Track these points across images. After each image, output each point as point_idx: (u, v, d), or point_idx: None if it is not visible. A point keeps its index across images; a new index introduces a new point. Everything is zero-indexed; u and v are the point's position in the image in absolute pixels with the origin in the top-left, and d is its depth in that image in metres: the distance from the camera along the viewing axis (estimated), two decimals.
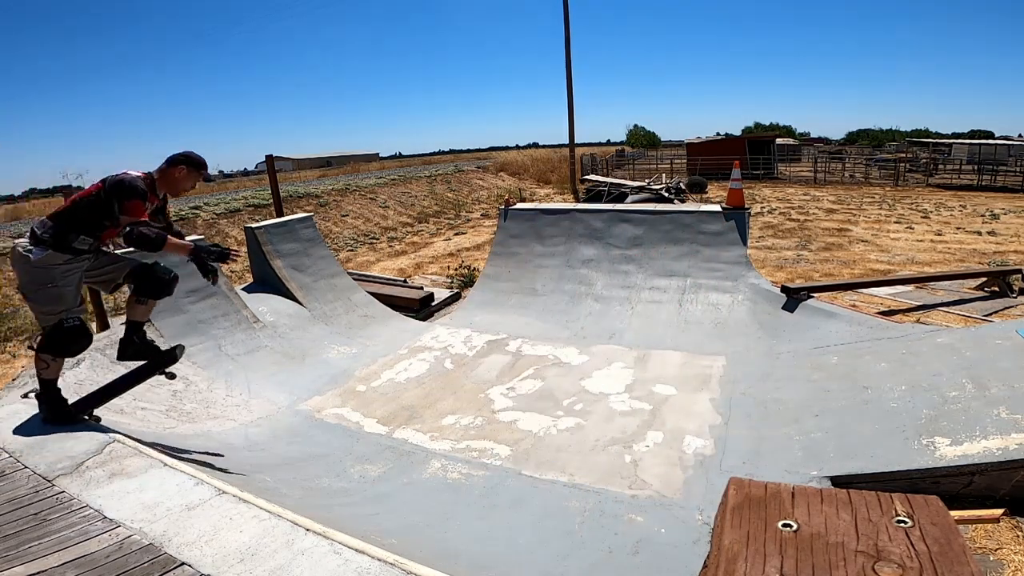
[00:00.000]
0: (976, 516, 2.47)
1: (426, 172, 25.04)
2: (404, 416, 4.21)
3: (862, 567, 1.64)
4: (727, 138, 32.99)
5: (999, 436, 2.76)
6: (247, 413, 4.26)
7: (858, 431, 3.22)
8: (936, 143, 33.63)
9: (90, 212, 2.91)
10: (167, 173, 3.09)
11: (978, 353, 3.57)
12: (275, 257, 6.35)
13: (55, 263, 2.87)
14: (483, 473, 3.38)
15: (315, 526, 2.21)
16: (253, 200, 16.48)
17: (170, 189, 3.15)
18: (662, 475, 3.20)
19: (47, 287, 2.87)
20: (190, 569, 1.99)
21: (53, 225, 2.88)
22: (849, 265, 8.84)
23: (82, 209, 2.91)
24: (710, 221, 6.09)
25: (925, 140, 37.70)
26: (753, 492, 2.13)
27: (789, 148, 34.82)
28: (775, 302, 5.36)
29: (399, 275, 9.37)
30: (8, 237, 11.94)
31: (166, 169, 3.09)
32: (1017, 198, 17.14)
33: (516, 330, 5.83)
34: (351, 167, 36.38)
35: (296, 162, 58.82)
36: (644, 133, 57.05)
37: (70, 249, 2.89)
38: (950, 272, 7.43)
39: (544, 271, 6.66)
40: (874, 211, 14.90)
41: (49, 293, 2.88)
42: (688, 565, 2.43)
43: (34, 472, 2.74)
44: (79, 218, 2.90)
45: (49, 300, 2.89)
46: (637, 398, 4.18)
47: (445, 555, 2.48)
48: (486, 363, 5.09)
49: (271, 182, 8.24)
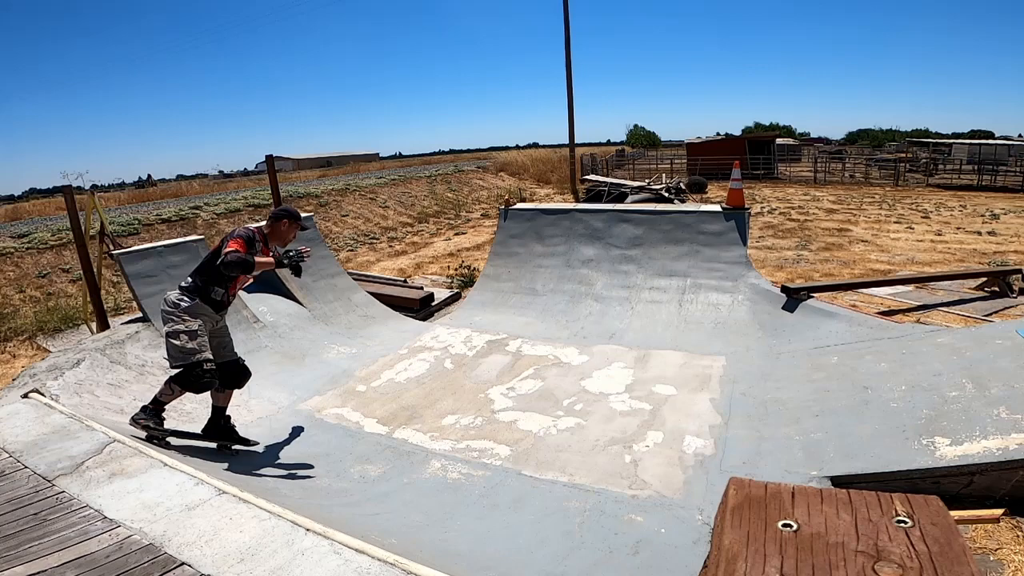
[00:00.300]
0: (976, 516, 2.46)
1: (426, 172, 25.02)
2: (404, 416, 4.21)
3: (862, 567, 1.64)
4: (727, 138, 32.96)
5: (999, 436, 2.76)
6: (247, 413, 4.26)
7: (858, 431, 3.22)
8: (936, 143, 33.62)
9: (210, 262, 3.33)
10: (275, 227, 3.58)
11: (978, 353, 3.56)
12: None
13: (202, 313, 3.33)
14: (483, 473, 3.38)
15: (315, 526, 2.21)
16: (253, 200, 16.47)
17: (279, 240, 3.61)
18: (662, 475, 3.20)
19: (193, 333, 3.27)
20: (190, 569, 1.99)
21: (195, 279, 3.36)
22: (849, 265, 8.84)
23: (207, 263, 3.37)
24: (710, 221, 6.09)
25: (925, 140, 37.66)
26: (753, 492, 2.12)
27: (789, 148, 34.77)
28: (775, 302, 5.36)
29: (399, 275, 9.37)
30: (8, 237, 11.93)
31: (273, 223, 3.58)
32: (1017, 198, 17.14)
33: (516, 330, 5.83)
34: (351, 167, 36.36)
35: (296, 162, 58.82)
36: (644, 133, 56.98)
37: (210, 300, 3.36)
38: (950, 272, 7.43)
39: (544, 271, 6.66)
40: (874, 211, 14.90)
41: (193, 337, 3.26)
42: (688, 565, 2.43)
43: (34, 472, 2.74)
44: (209, 271, 3.34)
45: (191, 342, 3.25)
46: (637, 398, 4.18)
47: (445, 555, 2.48)
48: (486, 363, 5.09)
49: (271, 182, 8.23)
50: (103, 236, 6.61)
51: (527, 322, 6.03)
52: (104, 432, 3.14)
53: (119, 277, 8.96)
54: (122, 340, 4.71)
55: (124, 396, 4.09)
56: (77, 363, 4.23)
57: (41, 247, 11.37)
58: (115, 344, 4.64)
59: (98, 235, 6.71)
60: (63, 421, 3.30)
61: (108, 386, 4.13)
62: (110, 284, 9.78)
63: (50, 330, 8.14)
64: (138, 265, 5.31)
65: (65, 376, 4.03)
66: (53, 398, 3.70)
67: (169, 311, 3.29)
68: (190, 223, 13.86)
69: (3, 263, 10.64)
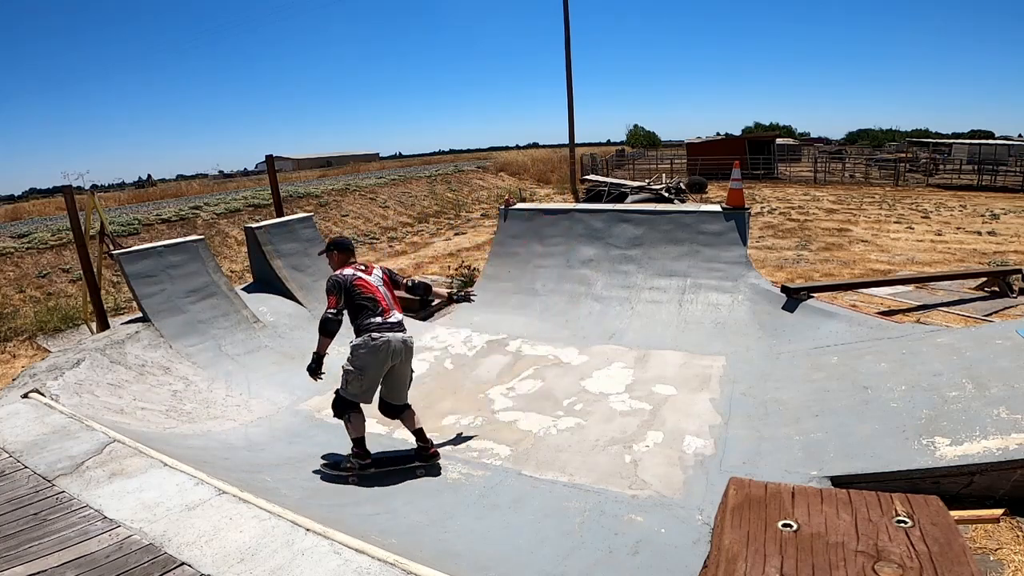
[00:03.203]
0: (976, 516, 2.46)
1: (426, 172, 25.00)
2: None
3: (862, 567, 1.64)
4: (727, 138, 32.94)
5: (999, 436, 2.76)
6: (247, 413, 4.26)
7: (858, 431, 3.22)
8: (936, 143, 33.59)
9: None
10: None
11: (978, 353, 3.56)
12: (275, 257, 6.35)
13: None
14: (483, 473, 3.38)
15: (315, 526, 2.21)
16: (253, 200, 16.46)
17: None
18: (662, 475, 3.20)
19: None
20: (190, 569, 1.99)
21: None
22: (849, 265, 8.83)
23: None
24: (710, 221, 6.08)
25: (925, 140, 37.64)
26: (753, 492, 2.13)
27: (789, 148, 34.75)
28: (775, 302, 5.36)
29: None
30: (8, 237, 11.93)
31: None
32: (1017, 198, 17.13)
33: (516, 330, 5.83)
34: (351, 167, 36.34)
35: (296, 162, 58.78)
36: (644, 133, 56.92)
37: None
38: (950, 272, 7.43)
39: (544, 271, 6.66)
40: (874, 211, 14.89)
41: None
42: (688, 565, 2.43)
43: (34, 472, 2.74)
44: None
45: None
46: (637, 398, 4.18)
47: (445, 555, 2.48)
48: (486, 363, 5.09)
49: (271, 182, 8.24)
50: (103, 236, 6.61)
51: (527, 322, 6.03)
52: (104, 432, 3.13)
53: (119, 277, 8.96)
54: (122, 340, 4.71)
55: (124, 396, 4.08)
56: (77, 363, 4.22)
57: (41, 247, 11.37)
58: (115, 344, 4.63)
59: (98, 235, 6.71)
60: (63, 421, 3.30)
61: (108, 386, 4.13)
62: (110, 284, 9.78)
63: (50, 330, 8.14)
64: (138, 265, 5.31)
65: (65, 376, 4.03)
66: (53, 398, 3.70)
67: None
68: (190, 223, 13.86)
69: (3, 263, 10.64)
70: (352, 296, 3.30)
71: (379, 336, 3.21)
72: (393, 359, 3.27)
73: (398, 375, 3.37)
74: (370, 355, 3.21)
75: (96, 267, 6.62)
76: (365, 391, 3.30)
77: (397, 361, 3.30)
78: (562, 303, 6.22)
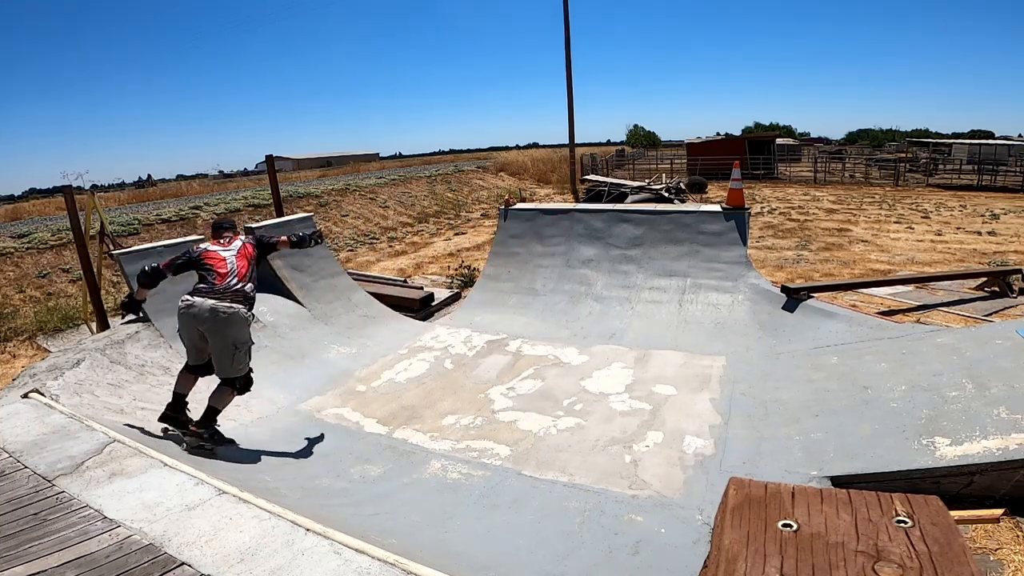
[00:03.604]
0: (976, 516, 2.46)
1: (426, 172, 25.00)
2: (404, 416, 4.21)
3: (862, 567, 1.64)
4: (727, 138, 32.93)
5: (999, 436, 2.76)
6: (247, 413, 4.26)
7: (858, 431, 3.22)
8: (936, 143, 33.58)
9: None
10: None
11: (978, 353, 3.56)
12: (275, 257, 6.34)
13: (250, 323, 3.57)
14: (483, 473, 3.38)
15: (315, 526, 2.21)
16: (253, 200, 16.47)
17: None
18: (662, 475, 3.20)
19: (250, 343, 3.55)
20: (190, 569, 1.99)
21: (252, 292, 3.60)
22: (849, 265, 8.83)
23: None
24: (710, 221, 6.08)
25: (925, 140, 37.62)
26: (753, 492, 2.13)
27: (789, 148, 34.75)
28: (775, 302, 5.36)
29: (399, 275, 9.37)
30: (8, 237, 11.93)
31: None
32: (1017, 198, 17.13)
33: (516, 330, 5.83)
34: (351, 167, 36.34)
35: (296, 162, 58.79)
36: (644, 133, 56.91)
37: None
38: (950, 272, 7.43)
39: (544, 271, 6.66)
40: (874, 211, 14.89)
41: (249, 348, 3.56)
42: (688, 565, 2.43)
43: (34, 472, 2.74)
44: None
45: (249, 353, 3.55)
46: (637, 398, 4.18)
47: (445, 555, 2.48)
48: (486, 363, 5.09)
49: (271, 182, 8.24)
50: (103, 236, 6.61)
51: (527, 322, 6.03)
52: (104, 432, 3.13)
53: (119, 277, 8.96)
54: (122, 340, 4.71)
55: (124, 396, 4.08)
56: (77, 363, 4.22)
57: (41, 247, 11.37)
58: (115, 344, 4.63)
59: (98, 235, 6.71)
60: (63, 421, 3.30)
61: (108, 386, 4.13)
62: (110, 284, 9.78)
63: (50, 330, 8.14)
64: (138, 265, 5.29)
65: (65, 376, 4.02)
66: (53, 398, 3.69)
67: (244, 327, 3.49)
68: (190, 223, 13.87)
69: (3, 263, 10.64)
70: (198, 265, 3.59)
71: (188, 299, 3.41)
72: (199, 324, 3.36)
73: (213, 345, 3.44)
74: (180, 318, 3.45)
75: (96, 267, 6.62)
76: (187, 351, 3.56)
77: (204, 327, 3.36)
78: (562, 303, 6.22)
